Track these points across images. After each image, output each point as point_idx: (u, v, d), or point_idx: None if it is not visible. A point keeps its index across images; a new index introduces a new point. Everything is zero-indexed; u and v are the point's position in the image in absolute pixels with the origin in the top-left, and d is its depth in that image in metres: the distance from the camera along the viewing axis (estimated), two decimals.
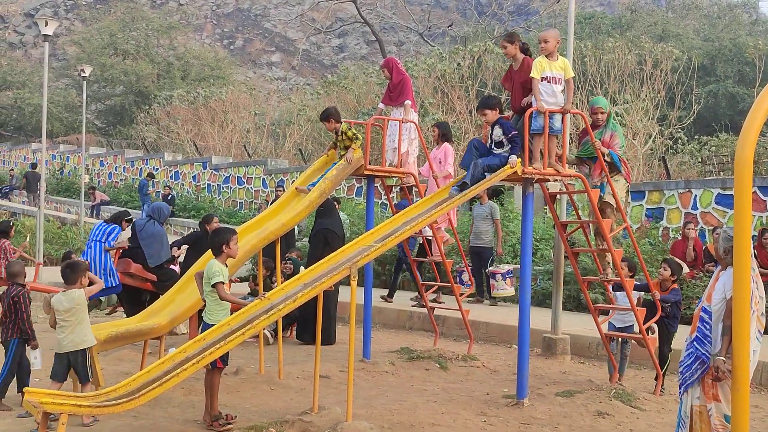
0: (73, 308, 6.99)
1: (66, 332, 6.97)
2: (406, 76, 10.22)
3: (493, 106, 8.33)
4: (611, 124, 9.19)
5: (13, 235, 11.73)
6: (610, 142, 9.04)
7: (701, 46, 31.02)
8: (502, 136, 8.16)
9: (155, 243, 10.66)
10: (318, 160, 10.06)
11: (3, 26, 64.15)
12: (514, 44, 8.51)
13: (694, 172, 20.03)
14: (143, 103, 41.54)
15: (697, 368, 5.61)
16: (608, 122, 9.18)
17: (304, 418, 6.92)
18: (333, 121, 9.60)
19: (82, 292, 7.12)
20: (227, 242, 7.11)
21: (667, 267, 8.89)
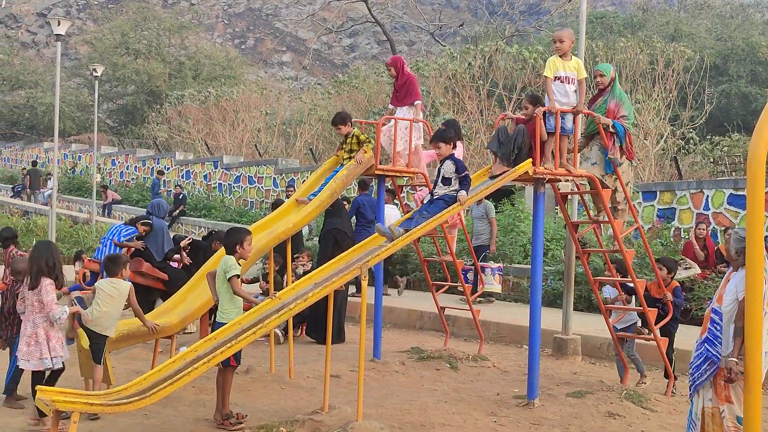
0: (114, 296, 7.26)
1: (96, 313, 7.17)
2: (413, 76, 10.16)
3: (448, 139, 7.94)
4: (618, 92, 8.95)
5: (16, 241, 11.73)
6: (616, 112, 8.84)
7: (713, 46, 30.87)
8: (454, 173, 7.76)
9: (158, 237, 10.73)
10: (321, 167, 10.00)
11: (16, 26, 64.43)
12: (536, 107, 8.30)
13: (706, 173, 19.93)
14: (155, 102, 41.64)
15: (707, 369, 5.59)
16: (614, 89, 8.94)
17: (314, 417, 6.93)
18: (349, 124, 9.58)
19: (128, 286, 7.33)
20: (241, 242, 7.15)
21: (662, 266, 8.86)
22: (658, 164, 20.16)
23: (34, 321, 6.95)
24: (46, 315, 6.93)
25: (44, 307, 6.92)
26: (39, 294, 6.94)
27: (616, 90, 8.90)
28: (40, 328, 6.93)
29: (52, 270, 7.03)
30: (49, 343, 6.93)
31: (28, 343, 6.92)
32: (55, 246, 7.38)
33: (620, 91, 8.97)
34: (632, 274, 8.76)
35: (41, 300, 6.93)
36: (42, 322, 6.93)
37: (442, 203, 7.65)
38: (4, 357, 8.00)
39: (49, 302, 6.92)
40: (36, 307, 6.95)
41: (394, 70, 10.12)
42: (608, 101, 8.81)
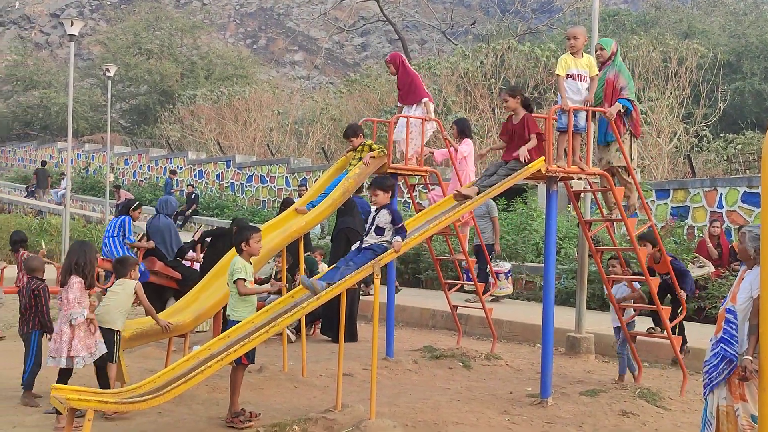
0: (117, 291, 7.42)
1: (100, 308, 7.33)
2: (415, 72, 10.08)
3: (387, 188, 7.37)
4: (617, 64, 8.94)
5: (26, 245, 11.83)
6: (615, 82, 8.80)
7: (727, 43, 30.67)
8: (389, 224, 7.18)
9: (166, 236, 10.78)
10: (332, 166, 9.98)
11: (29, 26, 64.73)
12: (516, 98, 8.31)
13: (719, 171, 19.82)
14: (167, 102, 41.74)
15: (724, 368, 5.56)
16: (614, 61, 8.94)
17: (327, 415, 6.94)
18: (361, 136, 9.54)
19: (135, 284, 7.48)
20: (247, 240, 7.20)
21: (645, 243, 8.86)
22: (672, 162, 20.06)
23: (61, 318, 7.00)
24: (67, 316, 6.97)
25: (69, 304, 6.96)
26: (66, 291, 6.98)
27: (616, 61, 8.92)
28: (65, 325, 6.95)
29: (81, 269, 7.06)
30: (71, 342, 6.93)
31: (55, 340, 6.97)
32: (90, 246, 7.39)
33: (620, 63, 8.97)
34: (645, 272, 8.72)
35: (67, 297, 6.97)
36: (65, 321, 6.97)
37: (371, 253, 7.09)
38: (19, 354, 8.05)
39: (72, 300, 6.96)
40: (64, 304, 7.00)
41: (393, 67, 10.03)
42: (608, 72, 8.82)
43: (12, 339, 10.96)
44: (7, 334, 11.34)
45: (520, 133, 8.21)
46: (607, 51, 8.86)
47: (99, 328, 7.19)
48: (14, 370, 8.84)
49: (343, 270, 6.96)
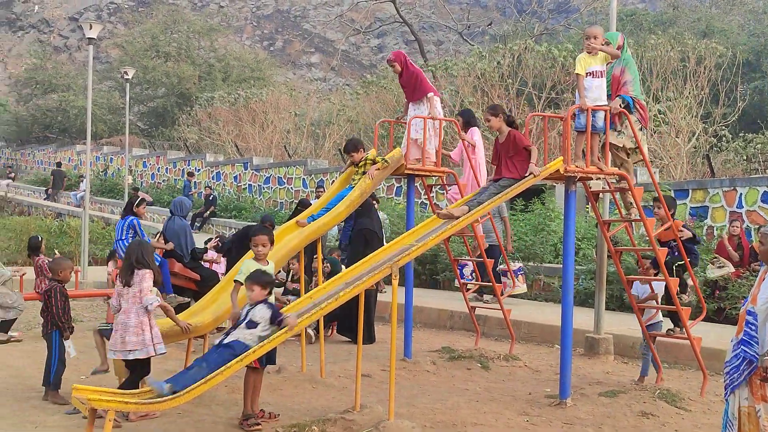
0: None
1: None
2: (418, 69, 9.99)
3: (265, 284, 6.77)
4: (625, 58, 8.81)
5: (44, 250, 11.92)
6: (621, 78, 8.74)
7: (746, 42, 30.45)
8: (267, 319, 6.56)
9: (181, 238, 10.81)
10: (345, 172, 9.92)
11: (48, 30, 65.22)
12: (498, 117, 8.18)
13: (739, 170, 19.68)
14: (185, 104, 41.94)
15: (745, 369, 5.53)
16: (622, 55, 8.80)
17: (346, 416, 6.95)
18: (361, 150, 9.44)
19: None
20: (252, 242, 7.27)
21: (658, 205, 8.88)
22: (690, 162, 19.94)
23: (137, 311, 6.99)
24: (143, 304, 7.02)
25: (142, 293, 7.00)
26: (139, 284, 7.01)
27: (624, 56, 8.79)
28: (144, 317, 6.99)
29: (144, 265, 7.11)
30: (152, 330, 7.03)
31: (136, 333, 6.95)
32: (147, 245, 7.43)
33: (628, 57, 8.85)
34: (665, 272, 8.68)
35: (141, 288, 7.01)
36: (143, 312, 7.01)
37: (229, 353, 6.32)
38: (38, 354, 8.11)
39: (145, 288, 7.01)
40: (137, 298, 7.00)
41: (399, 65, 9.86)
42: (614, 67, 8.73)
43: (31, 341, 11.06)
44: (27, 336, 11.43)
45: (506, 150, 8.04)
46: (612, 45, 8.69)
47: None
48: (35, 371, 8.93)
49: (194, 372, 6.18)
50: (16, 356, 9.99)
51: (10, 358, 9.83)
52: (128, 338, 6.93)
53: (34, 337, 11.29)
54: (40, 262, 11.57)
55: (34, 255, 11.72)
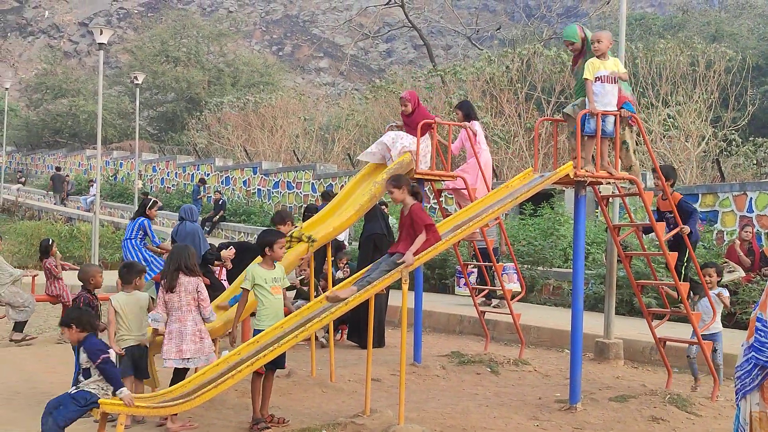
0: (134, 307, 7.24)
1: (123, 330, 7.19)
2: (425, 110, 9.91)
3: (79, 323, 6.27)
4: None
5: (55, 252, 11.96)
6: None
7: (756, 46, 30.41)
8: (89, 362, 6.16)
9: (194, 239, 10.84)
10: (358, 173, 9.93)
11: (58, 35, 65.55)
12: (401, 189, 7.41)
13: (749, 175, 19.65)
14: (194, 109, 42.11)
15: (758, 374, 5.52)
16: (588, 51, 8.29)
17: (356, 420, 6.95)
18: (290, 223, 8.82)
19: (145, 295, 7.38)
20: (271, 245, 7.08)
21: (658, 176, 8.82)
22: (700, 166, 19.91)
23: (194, 319, 6.97)
24: (204, 315, 7.01)
25: (202, 302, 6.98)
26: (193, 292, 6.95)
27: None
28: (201, 324, 7.01)
29: (192, 270, 7.04)
30: (207, 338, 7.08)
31: (194, 341, 6.93)
32: (192, 250, 7.31)
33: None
34: (675, 277, 8.66)
35: (201, 297, 6.99)
36: (200, 320, 7.01)
37: (73, 406, 6.04)
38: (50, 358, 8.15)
39: (206, 299, 7.04)
40: (192, 305, 6.96)
41: (411, 106, 9.84)
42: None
43: (42, 345, 11.11)
44: (37, 340, 11.48)
45: (407, 226, 7.34)
46: (576, 42, 8.36)
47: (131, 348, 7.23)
48: (47, 375, 8.97)
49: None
50: (28, 361, 10.03)
51: (23, 363, 9.88)
52: (185, 346, 6.90)
53: (44, 341, 11.35)
54: (47, 264, 11.66)
55: (44, 257, 11.80)
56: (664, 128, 20.05)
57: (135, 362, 7.22)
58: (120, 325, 7.15)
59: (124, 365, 7.17)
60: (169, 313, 6.98)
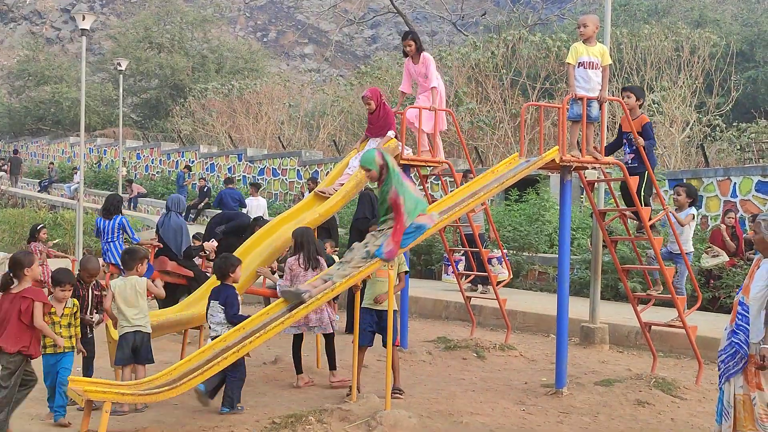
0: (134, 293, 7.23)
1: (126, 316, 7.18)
2: (389, 108, 9.85)
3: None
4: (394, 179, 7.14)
5: (44, 237, 11.92)
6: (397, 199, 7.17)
7: (740, 32, 30.48)
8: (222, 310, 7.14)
9: (177, 235, 10.76)
10: (343, 159, 9.91)
11: (40, 22, 64.91)
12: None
13: (733, 160, 19.73)
14: (178, 96, 41.86)
15: (742, 358, 5.55)
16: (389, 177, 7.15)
17: (342, 406, 6.96)
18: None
19: (143, 281, 7.31)
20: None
21: (629, 94, 8.86)
22: (685, 152, 19.98)
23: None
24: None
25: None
26: (321, 269, 7.61)
27: (392, 177, 7.11)
28: None
29: (321, 254, 7.94)
30: (327, 309, 7.84)
31: (316, 312, 7.63)
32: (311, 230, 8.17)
33: (396, 177, 7.12)
34: (660, 262, 8.71)
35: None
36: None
37: None
38: None
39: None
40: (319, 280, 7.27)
41: (374, 104, 9.73)
42: (388, 190, 7.10)
43: None
44: None
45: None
46: (373, 169, 7.14)
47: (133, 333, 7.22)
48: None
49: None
50: None
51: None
52: (310, 315, 7.58)
53: None
54: (32, 248, 11.63)
55: (31, 241, 11.80)
56: (648, 114, 20.08)
57: (135, 349, 7.18)
58: (116, 311, 7.16)
59: (122, 354, 7.14)
60: (293, 285, 7.41)
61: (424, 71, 9.98)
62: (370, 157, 7.16)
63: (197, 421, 6.83)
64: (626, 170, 8.60)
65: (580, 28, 8.35)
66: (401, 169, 7.22)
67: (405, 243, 7.03)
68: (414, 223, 6.99)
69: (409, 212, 6.97)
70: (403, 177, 7.16)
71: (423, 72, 9.99)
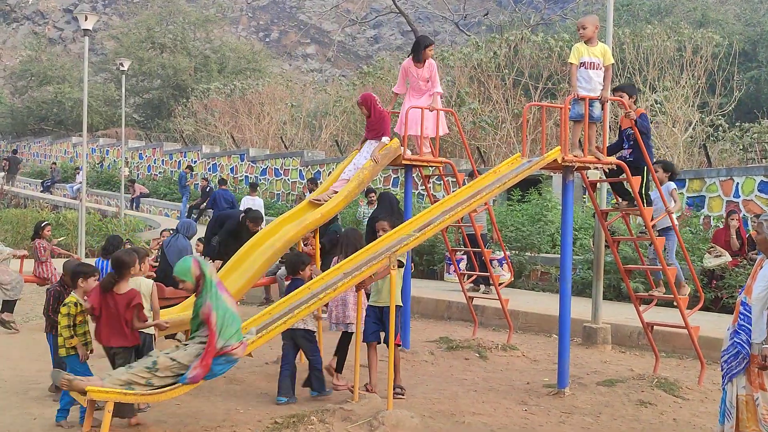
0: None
1: None
2: (385, 112, 9.85)
3: None
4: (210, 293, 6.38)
5: (48, 234, 11.95)
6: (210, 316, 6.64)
7: (742, 31, 30.43)
8: None
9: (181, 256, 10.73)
10: (345, 159, 9.90)
11: (43, 22, 64.95)
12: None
13: (735, 160, 19.69)
14: (181, 96, 41.86)
15: (744, 358, 5.55)
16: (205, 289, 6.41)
17: (345, 406, 6.96)
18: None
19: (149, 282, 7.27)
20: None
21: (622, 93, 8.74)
22: (687, 152, 19.94)
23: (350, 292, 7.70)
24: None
25: None
26: None
27: (208, 290, 6.34)
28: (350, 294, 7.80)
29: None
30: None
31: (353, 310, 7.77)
32: (359, 233, 8.35)
33: (213, 290, 6.34)
34: (663, 262, 8.70)
35: None
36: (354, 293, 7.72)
37: None
38: (37, 347, 8.10)
39: None
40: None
41: (366, 109, 9.70)
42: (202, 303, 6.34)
43: (29, 332, 11.05)
44: (24, 327, 11.42)
45: None
46: (188, 280, 6.36)
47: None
48: (33, 363, 8.94)
49: None
50: (14, 348, 9.99)
51: (8, 350, 9.84)
52: (348, 313, 7.87)
53: (31, 329, 11.29)
54: (36, 245, 11.70)
55: (36, 238, 11.85)
56: (651, 114, 20.06)
57: (138, 352, 7.15)
58: None
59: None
60: None
61: (427, 75, 10.00)
62: (185, 267, 6.37)
63: (199, 420, 6.83)
64: (628, 171, 8.59)
65: (579, 30, 8.37)
66: (219, 280, 6.49)
67: (213, 372, 6.22)
68: (225, 357, 6.23)
69: (221, 331, 6.19)
70: (220, 289, 6.38)
71: (426, 76, 10.00)
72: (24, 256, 12.11)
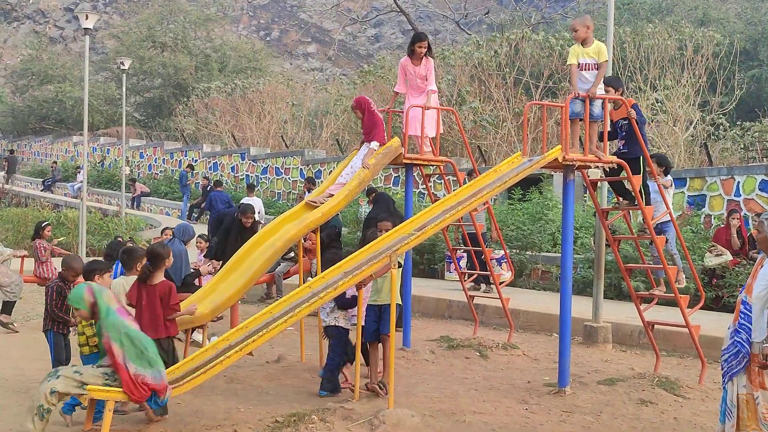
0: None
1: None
2: (379, 117, 9.76)
3: None
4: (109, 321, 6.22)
5: (48, 235, 11.97)
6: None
7: (743, 30, 30.40)
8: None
9: (177, 261, 10.74)
10: (345, 158, 9.90)
11: (43, 21, 64.96)
12: None
13: (736, 159, 19.68)
14: (182, 95, 41.86)
15: (744, 356, 5.54)
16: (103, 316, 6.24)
17: (345, 405, 6.96)
18: None
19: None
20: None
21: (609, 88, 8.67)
22: (688, 151, 19.93)
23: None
24: None
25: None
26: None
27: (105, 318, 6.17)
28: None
29: None
30: None
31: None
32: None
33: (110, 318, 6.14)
34: (663, 261, 8.69)
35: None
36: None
37: None
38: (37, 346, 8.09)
39: None
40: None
41: (360, 112, 9.69)
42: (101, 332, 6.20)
43: (29, 331, 11.05)
44: (24, 327, 11.42)
45: None
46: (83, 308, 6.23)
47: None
48: (33, 362, 8.94)
49: None
50: (14, 347, 9.99)
51: (8, 350, 9.84)
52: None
53: (31, 328, 11.29)
54: (36, 245, 11.71)
55: (36, 238, 11.86)
56: (652, 112, 20.05)
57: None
58: None
59: None
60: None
61: (424, 73, 9.97)
62: (78, 295, 6.21)
63: (200, 420, 6.83)
64: (629, 169, 8.59)
65: (572, 33, 8.41)
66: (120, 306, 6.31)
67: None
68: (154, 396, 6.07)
69: (127, 358, 6.00)
70: (121, 315, 6.19)
71: (423, 74, 9.97)
72: (24, 256, 12.11)
